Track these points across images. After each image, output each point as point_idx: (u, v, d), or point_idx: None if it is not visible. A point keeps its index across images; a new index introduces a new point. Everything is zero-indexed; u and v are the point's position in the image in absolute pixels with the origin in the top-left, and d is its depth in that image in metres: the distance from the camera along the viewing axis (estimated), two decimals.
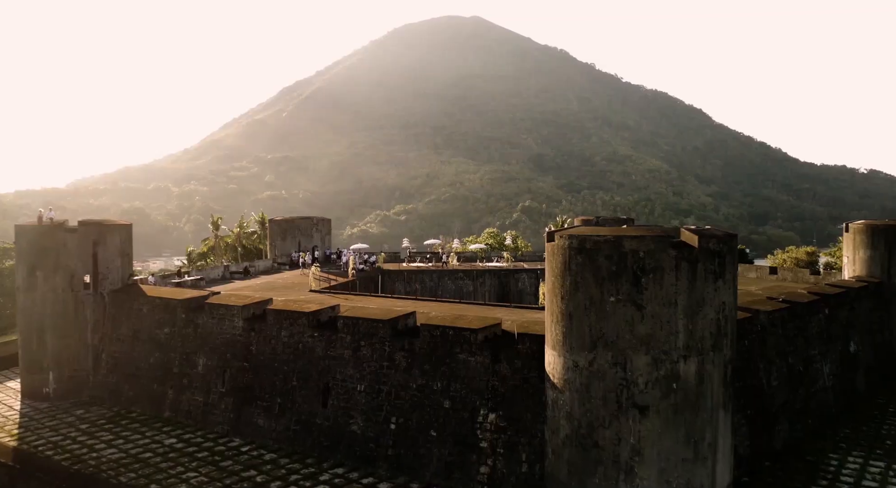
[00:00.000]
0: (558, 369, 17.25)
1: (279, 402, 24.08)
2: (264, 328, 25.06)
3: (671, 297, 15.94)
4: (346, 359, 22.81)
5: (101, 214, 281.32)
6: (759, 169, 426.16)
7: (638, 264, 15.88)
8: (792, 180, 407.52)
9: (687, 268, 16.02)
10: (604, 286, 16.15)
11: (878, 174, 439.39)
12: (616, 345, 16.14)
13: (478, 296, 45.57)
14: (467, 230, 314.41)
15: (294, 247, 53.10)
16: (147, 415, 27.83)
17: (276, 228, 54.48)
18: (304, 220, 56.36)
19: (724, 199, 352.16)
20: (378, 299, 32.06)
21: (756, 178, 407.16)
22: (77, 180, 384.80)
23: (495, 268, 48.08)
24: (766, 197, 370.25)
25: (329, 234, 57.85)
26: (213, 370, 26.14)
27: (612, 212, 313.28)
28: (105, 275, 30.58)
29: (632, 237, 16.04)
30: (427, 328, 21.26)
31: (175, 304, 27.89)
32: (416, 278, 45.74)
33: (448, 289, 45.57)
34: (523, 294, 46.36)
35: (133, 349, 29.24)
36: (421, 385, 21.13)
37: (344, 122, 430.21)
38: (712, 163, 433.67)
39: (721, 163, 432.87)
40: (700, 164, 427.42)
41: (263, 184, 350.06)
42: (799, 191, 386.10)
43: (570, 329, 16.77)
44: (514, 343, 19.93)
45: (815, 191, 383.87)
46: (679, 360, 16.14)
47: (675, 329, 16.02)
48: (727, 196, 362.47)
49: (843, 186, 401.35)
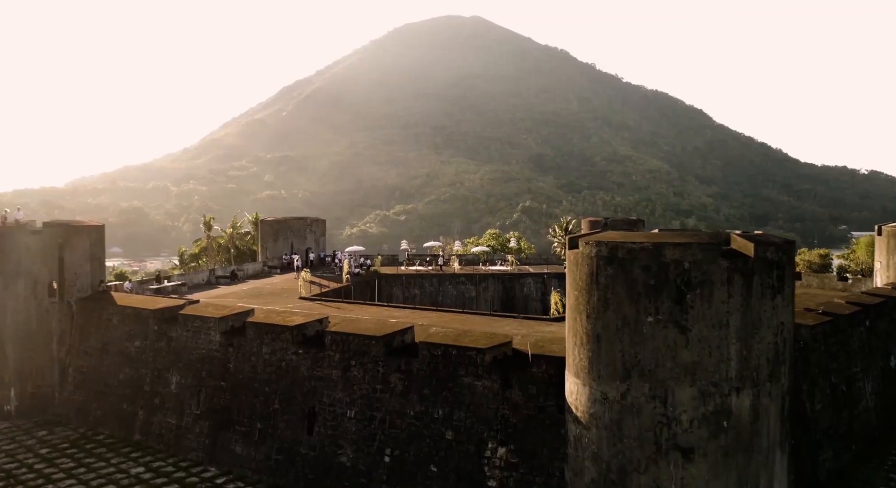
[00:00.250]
0: (583, 401, 14.49)
1: (259, 428, 21.31)
2: (243, 343, 22.28)
3: (722, 317, 13.20)
4: (334, 381, 20.04)
5: (99, 213, 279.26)
6: (760, 169, 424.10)
7: (682, 277, 13.13)
8: (792, 181, 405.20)
9: (741, 281, 13.27)
10: (640, 303, 13.40)
11: (879, 175, 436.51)
12: (654, 375, 13.39)
13: (481, 303, 42.79)
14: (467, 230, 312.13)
15: (287, 248, 50.29)
16: (115, 438, 25.05)
17: (268, 229, 51.59)
18: (297, 221, 53.44)
19: (725, 200, 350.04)
20: (373, 308, 29.28)
21: (756, 179, 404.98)
22: (76, 179, 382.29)
23: (499, 272, 45.28)
24: (767, 197, 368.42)
25: (324, 236, 55.00)
26: (187, 389, 23.37)
27: (612, 212, 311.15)
28: (73, 282, 27.81)
29: (675, 244, 13.28)
30: (427, 346, 18.50)
31: (147, 315, 25.12)
32: (415, 283, 42.97)
33: (449, 294, 42.78)
34: (529, 300, 43.60)
35: (102, 364, 26.47)
36: (420, 412, 18.37)
37: (344, 121, 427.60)
38: (713, 163, 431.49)
39: (721, 164, 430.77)
40: (700, 165, 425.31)
41: (263, 184, 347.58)
42: (799, 191, 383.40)
43: (598, 354, 14.02)
44: (528, 365, 17.18)
45: (816, 192, 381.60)
46: (730, 393, 13.39)
47: (726, 355, 13.28)
48: (727, 196, 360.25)
49: (843, 187, 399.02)
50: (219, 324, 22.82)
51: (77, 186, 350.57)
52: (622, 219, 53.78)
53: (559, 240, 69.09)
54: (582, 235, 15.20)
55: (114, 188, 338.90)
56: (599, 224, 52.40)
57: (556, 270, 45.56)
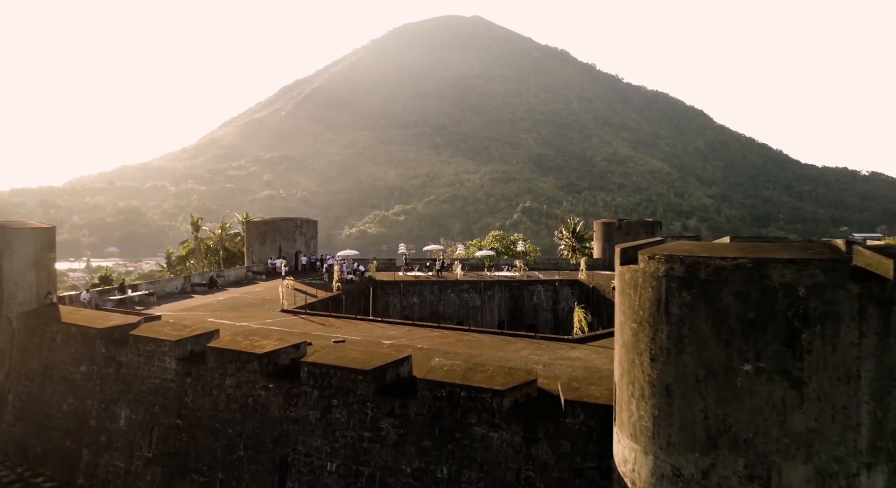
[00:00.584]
0: (644, 474, 10.49)
1: (221, 478, 17.28)
2: (203, 373, 18.25)
3: (851, 366, 9.21)
4: (311, 424, 16.03)
5: (95, 213, 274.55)
6: (760, 170, 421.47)
7: (796, 308, 9.14)
8: (793, 182, 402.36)
9: (876, 314, 9.28)
10: (732, 344, 9.41)
11: (880, 176, 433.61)
12: (753, 447, 9.40)
13: (486, 313, 38.77)
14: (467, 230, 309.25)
15: (274, 252, 46.20)
16: (57, 481, 21.01)
17: (254, 231, 47.41)
18: (286, 222, 49.22)
19: (726, 201, 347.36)
20: (365, 325, 25.24)
21: (757, 180, 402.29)
22: (74, 179, 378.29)
23: (505, 278, 41.24)
24: (768, 199, 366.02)
25: (315, 238, 50.87)
26: (138, 426, 19.33)
27: (613, 213, 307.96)
28: (13, 294, 23.77)
29: (785, 262, 9.26)
30: (428, 386, 14.49)
31: (93, 335, 21.08)
32: (413, 291, 38.88)
33: (451, 303, 38.73)
34: (539, 310, 39.58)
35: (44, 391, 22.42)
36: (419, 469, 14.35)
37: (343, 121, 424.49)
38: (713, 164, 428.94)
39: (722, 165, 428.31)
40: (701, 166, 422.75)
41: (261, 184, 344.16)
42: (800, 193, 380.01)
43: (669, 412, 10.02)
44: (560, 413, 13.18)
45: (817, 193, 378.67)
46: (860, 472, 9.40)
47: (855, 420, 9.29)
48: (728, 197, 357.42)
49: (844, 189, 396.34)
50: (175, 349, 18.79)
51: (75, 186, 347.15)
52: (638, 221, 49.76)
53: (567, 243, 64.88)
54: (639, 246, 11.17)
55: (111, 187, 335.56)
56: (614, 226, 48.40)
57: (567, 277, 41.59)
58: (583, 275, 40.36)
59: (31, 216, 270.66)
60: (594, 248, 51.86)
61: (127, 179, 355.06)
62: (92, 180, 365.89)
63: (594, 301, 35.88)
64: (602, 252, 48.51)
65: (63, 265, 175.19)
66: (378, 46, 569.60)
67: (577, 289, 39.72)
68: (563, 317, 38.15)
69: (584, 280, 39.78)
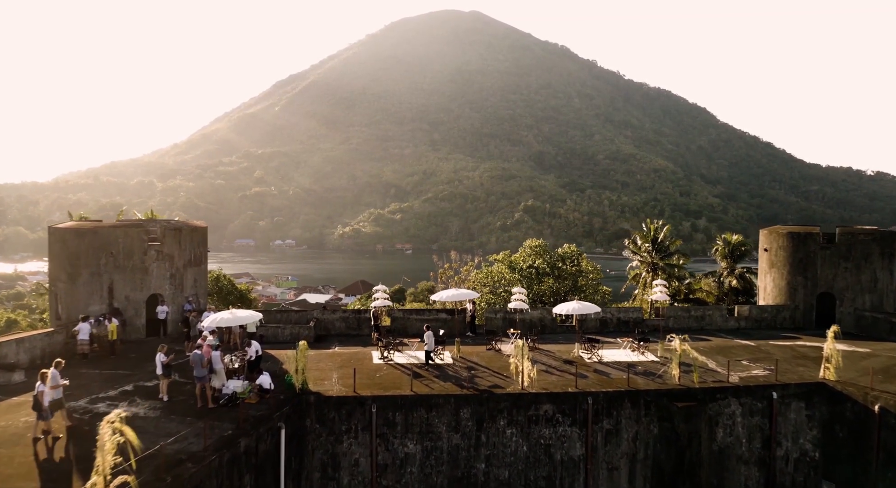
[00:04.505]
0: None
1: None
2: None
3: None
4: None
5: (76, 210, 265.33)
6: (765, 169, 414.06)
7: None
8: (798, 181, 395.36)
9: None
10: None
11: (886, 176, 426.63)
12: None
13: (600, 477, 18.92)
14: (466, 230, 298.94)
15: (99, 294, 23.50)
16: None
17: (61, 250, 24.13)
18: (130, 229, 24.47)
19: (732, 200, 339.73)
20: None
21: (762, 179, 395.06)
22: (61, 174, 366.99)
23: (641, 374, 20.31)
24: (774, 198, 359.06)
25: (200, 265, 26.28)
26: None
27: (619, 212, 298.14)
28: None
29: None
30: None
31: None
32: (408, 424, 17.99)
33: (506, 454, 18.35)
34: (726, 458, 19.44)
35: None
36: None
37: (338, 116, 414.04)
38: (718, 162, 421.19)
39: (726, 164, 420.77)
40: (706, 164, 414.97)
41: (252, 180, 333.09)
42: (806, 192, 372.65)
43: None
44: None
45: (824, 193, 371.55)
46: None
47: None
48: (734, 197, 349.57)
49: (851, 189, 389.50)
50: None
51: (60, 181, 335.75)
52: (861, 231, 30.52)
53: (644, 258, 41.99)
54: None
55: (96, 183, 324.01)
56: (800, 236, 30.31)
57: (796, 379, 20.06)
58: (829, 373, 19.99)
59: (6, 213, 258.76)
60: (763, 282, 32.05)
61: (114, 175, 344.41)
62: (78, 176, 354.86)
63: (850, 430, 19.17)
64: (789, 291, 30.08)
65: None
66: (375, 41, 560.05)
67: (819, 407, 20.11)
68: (784, 481, 19.93)
69: (835, 384, 19.95)
